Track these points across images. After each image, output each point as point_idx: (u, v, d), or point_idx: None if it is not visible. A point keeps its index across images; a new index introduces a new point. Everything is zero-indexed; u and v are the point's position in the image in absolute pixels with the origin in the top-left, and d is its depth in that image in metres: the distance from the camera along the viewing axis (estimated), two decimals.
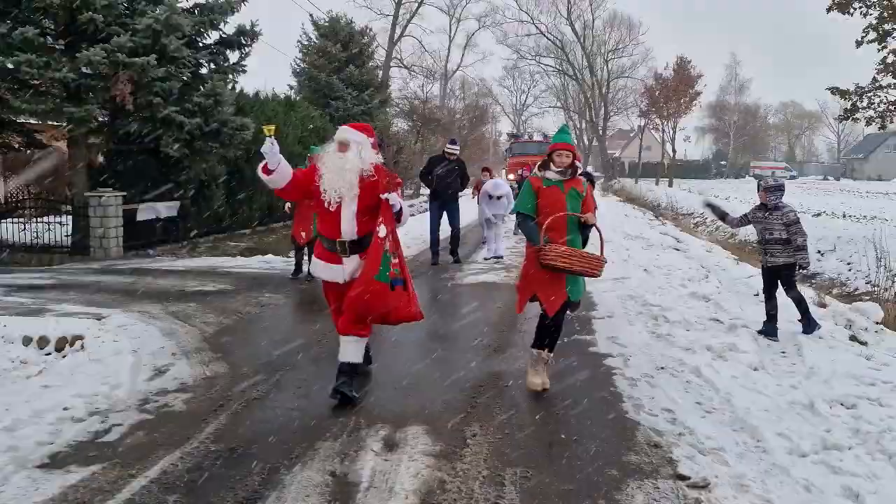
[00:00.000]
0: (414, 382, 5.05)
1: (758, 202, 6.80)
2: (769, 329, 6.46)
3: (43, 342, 6.47)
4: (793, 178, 76.75)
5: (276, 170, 4.58)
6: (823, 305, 7.72)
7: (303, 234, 9.05)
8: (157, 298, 8.11)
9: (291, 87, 26.68)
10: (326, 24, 27.30)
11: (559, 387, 4.91)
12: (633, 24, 62.01)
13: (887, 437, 3.89)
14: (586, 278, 4.95)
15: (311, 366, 5.53)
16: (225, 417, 4.33)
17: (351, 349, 4.59)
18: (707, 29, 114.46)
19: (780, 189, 6.66)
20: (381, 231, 4.43)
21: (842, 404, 4.50)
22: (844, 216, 21.89)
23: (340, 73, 25.74)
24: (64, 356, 6.20)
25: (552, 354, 4.90)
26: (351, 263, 4.56)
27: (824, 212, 23.09)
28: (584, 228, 5.05)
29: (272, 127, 4.56)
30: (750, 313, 7.20)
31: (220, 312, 7.49)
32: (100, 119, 12.28)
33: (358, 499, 3.26)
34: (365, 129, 4.77)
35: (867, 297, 9.11)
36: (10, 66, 9.87)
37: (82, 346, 6.20)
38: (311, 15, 27.60)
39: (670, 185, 47.07)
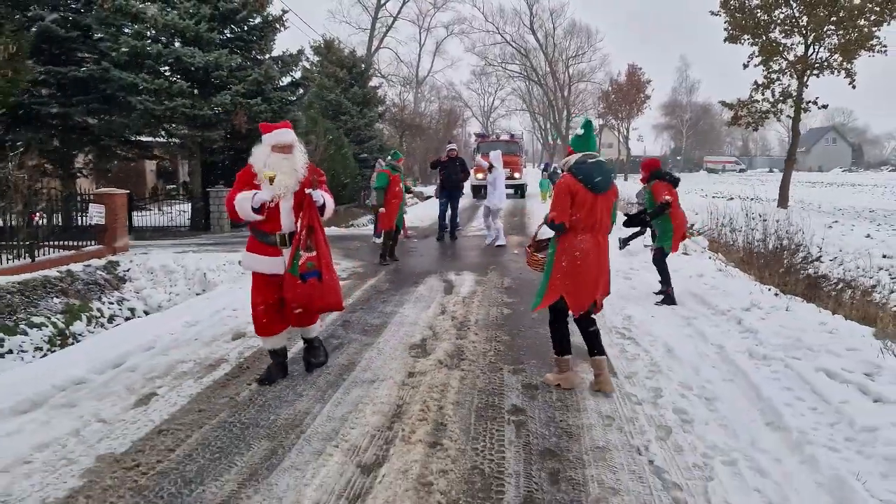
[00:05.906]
0: (462, 264, 10.86)
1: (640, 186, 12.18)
2: None
3: None
4: (742, 170, 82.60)
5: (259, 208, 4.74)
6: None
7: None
8: None
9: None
10: (323, 46, 32.22)
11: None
12: (591, 33, 67.44)
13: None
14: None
15: (411, 257, 11.30)
16: (382, 274, 10.06)
17: (314, 328, 5.38)
18: (661, 32, 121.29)
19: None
20: (297, 226, 4.76)
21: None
22: (752, 199, 28.16)
23: (347, 93, 31.12)
24: None
25: (605, 357, 4.90)
26: (288, 254, 4.82)
27: (738, 196, 29.55)
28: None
29: (273, 174, 4.65)
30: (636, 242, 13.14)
31: (342, 246, 13.12)
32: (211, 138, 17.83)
33: (454, 282, 9.09)
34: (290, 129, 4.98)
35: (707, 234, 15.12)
36: (171, 106, 15.39)
37: None
38: (313, 41, 32.92)
39: (625, 179, 53.23)
